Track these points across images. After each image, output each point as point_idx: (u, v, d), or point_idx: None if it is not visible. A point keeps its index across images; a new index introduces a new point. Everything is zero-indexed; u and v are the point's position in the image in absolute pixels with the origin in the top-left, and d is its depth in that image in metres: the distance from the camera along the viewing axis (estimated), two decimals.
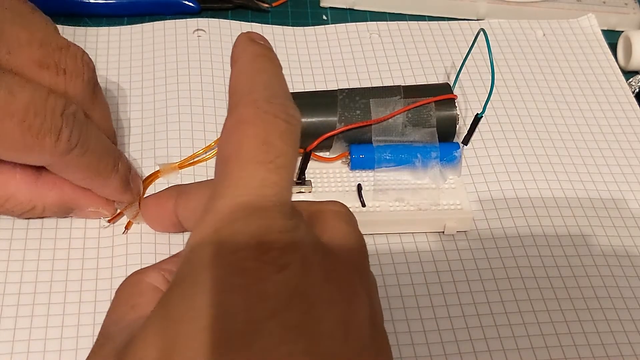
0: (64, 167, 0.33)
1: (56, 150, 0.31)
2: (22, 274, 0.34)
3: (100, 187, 0.35)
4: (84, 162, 0.33)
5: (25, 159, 0.32)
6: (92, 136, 0.33)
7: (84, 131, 0.32)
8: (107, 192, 0.35)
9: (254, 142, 0.23)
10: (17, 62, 0.31)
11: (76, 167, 0.33)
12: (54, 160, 0.32)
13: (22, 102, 0.30)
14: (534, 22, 0.50)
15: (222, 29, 0.46)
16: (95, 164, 0.33)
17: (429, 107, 0.38)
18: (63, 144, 0.31)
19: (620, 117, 0.44)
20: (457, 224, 0.37)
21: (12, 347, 0.31)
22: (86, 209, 0.35)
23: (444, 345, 0.33)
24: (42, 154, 0.31)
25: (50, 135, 0.30)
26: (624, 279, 0.36)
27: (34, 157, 0.31)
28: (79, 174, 0.33)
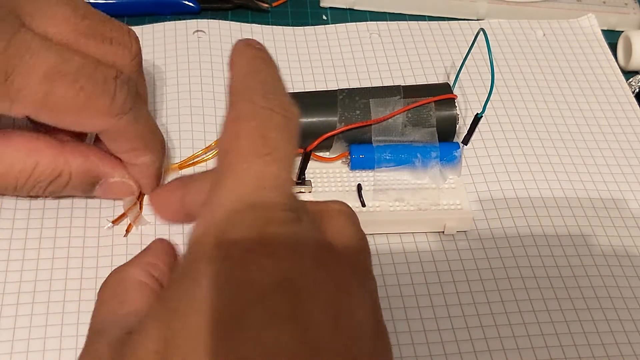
0: (118, 133, 0.33)
1: (111, 112, 0.31)
2: (22, 273, 0.34)
3: (145, 164, 0.35)
4: (136, 130, 0.33)
5: (81, 123, 0.32)
6: (144, 108, 0.34)
7: (138, 97, 0.33)
8: (147, 171, 0.35)
9: (251, 135, 0.23)
10: (63, 34, 0.31)
11: (129, 135, 0.33)
12: (110, 124, 0.32)
13: (74, 66, 0.30)
14: (534, 22, 0.50)
15: (222, 30, 0.46)
16: (146, 134, 0.34)
17: (428, 107, 0.38)
18: (118, 106, 0.31)
19: (620, 117, 0.44)
20: (457, 223, 0.37)
21: (11, 347, 0.31)
22: (111, 178, 0.35)
23: (444, 344, 0.33)
24: (98, 117, 0.31)
25: (105, 97, 0.31)
26: (624, 278, 0.36)
27: (90, 120, 0.32)
28: (130, 143, 0.34)
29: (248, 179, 0.23)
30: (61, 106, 0.31)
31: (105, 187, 0.35)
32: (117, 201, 0.37)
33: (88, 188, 0.35)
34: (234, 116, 0.24)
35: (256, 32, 0.47)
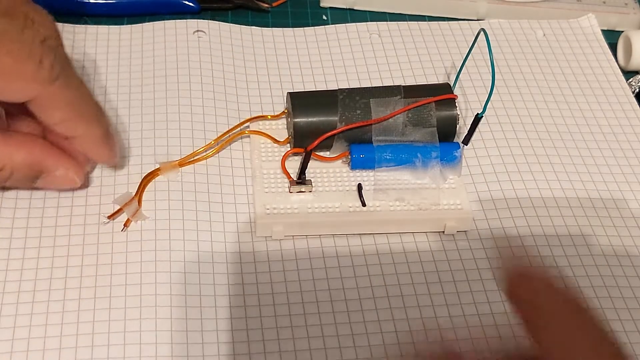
0: (49, 101, 0.32)
1: (38, 77, 0.30)
2: (22, 272, 0.34)
3: (82, 135, 0.34)
4: (68, 96, 0.32)
5: (8, 89, 0.31)
6: (74, 73, 0.32)
7: (67, 65, 0.32)
8: (88, 141, 0.34)
9: None
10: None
11: (60, 103, 0.32)
12: (38, 89, 0.31)
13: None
14: (534, 22, 0.50)
15: (222, 31, 0.46)
16: (79, 103, 0.33)
17: (429, 107, 0.38)
18: (46, 71, 0.30)
19: (620, 117, 0.44)
20: (457, 223, 0.37)
21: (11, 346, 0.31)
22: (55, 171, 0.34)
23: (444, 344, 0.33)
24: (25, 82, 0.30)
25: (31, 60, 0.30)
26: (624, 278, 0.36)
27: (17, 85, 0.31)
28: (63, 113, 0.32)
29: None
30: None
31: (48, 180, 0.35)
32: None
33: (30, 180, 0.35)
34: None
35: (256, 34, 0.47)
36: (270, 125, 0.40)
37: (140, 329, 0.32)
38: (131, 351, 0.31)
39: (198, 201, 0.37)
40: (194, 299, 0.34)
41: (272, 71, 0.45)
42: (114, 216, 0.36)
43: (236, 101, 0.42)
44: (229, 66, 0.44)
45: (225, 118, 0.41)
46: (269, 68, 0.45)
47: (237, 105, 0.42)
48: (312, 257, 0.36)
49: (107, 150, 0.35)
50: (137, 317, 0.33)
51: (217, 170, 0.39)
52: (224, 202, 0.38)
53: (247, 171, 0.39)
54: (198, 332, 0.32)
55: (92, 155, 0.35)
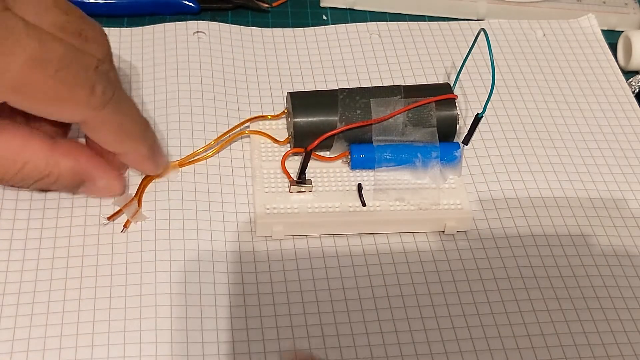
0: (99, 125, 0.33)
1: (90, 104, 0.31)
2: (22, 273, 0.34)
3: (130, 152, 0.35)
4: (117, 121, 0.33)
5: (60, 113, 0.32)
6: (124, 96, 0.33)
7: (117, 89, 0.32)
8: (135, 158, 0.35)
9: None
10: (43, 25, 0.31)
11: (110, 126, 0.33)
12: (89, 115, 0.32)
13: (55, 54, 0.30)
14: (534, 22, 0.50)
15: (222, 32, 0.46)
16: (127, 124, 0.33)
17: (429, 107, 0.38)
18: (97, 98, 0.31)
19: (620, 117, 0.44)
20: (457, 223, 0.37)
21: (11, 347, 0.31)
22: (98, 181, 0.35)
23: (445, 343, 0.33)
24: (77, 108, 0.31)
25: (84, 87, 0.31)
26: (624, 278, 0.36)
27: (69, 111, 0.31)
28: (111, 135, 0.33)
29: None
30: (40, 94, 0.30)
31: (91, 188, 0.35)
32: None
33: (74, 188, 0.35)
34: None
35: (256, 34, 0.47)
36: (270, 125, 0.40)
37: (140, 328, 0.32)
38: (131, 350, 0.31)
39: (198, 201, 0.37)
40: (194, 298, 0.34)
41: (272, 71, 0.45)
42: (113, 217, 0.36)
43: (236, 101, 0.42)
44: (229, 66, 0.44)
45: (225, 118, 0.41)
46: (269, 68, 0.45)
47: (237, 106, 0.42)
48: (312, 257, 0.36)
49: (151, 165, 0.36)
50: (137, 317, 0.33)
51: (217, 170, 0.39)
52: (224, 202, 0.38)
53: (247, 171, 0.39)
54: (198, 331, 0.32)
55: (137, 169, 0.36)
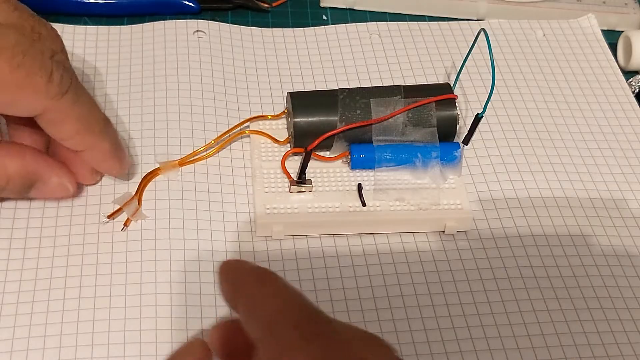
0: (58, 116, 0.32)
1: (49, 92, 0.31)
2: (22, 272, 0.34)
3: (92, 149, 0.34)
4: (76, 112, 0.32)
5: (19, 103, 0.31)
6: (81, 89, 0.33)
7: (75, 79, 0.32)
8: (96, 155, 0.34)
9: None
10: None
11: (69, 118, 0.32)
12: (48, 104, 0.31)
13: (9, 42, 0.30)
14: (534, 22, 0.50)
15: (222, 32, 0.46)
16: (87, 117, 0.33)
17: (429, 107, 0.38)
18: (55, 85, 0.31)
19: (620, 117, 0.44)
20: (457, 223, 0.37)
21: (11, 345, 0.31)
22: (48, 179, 0.34)
23: (445, 343, 0.33)
24: (35, 96, 0.31)
25: (42, 74, 0.30)
26: (624, 278, 0.36)
27: (28, 99, 0.31)
28: (71, 128, 0.33)
29: None
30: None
31: (42, 189, 0.35)
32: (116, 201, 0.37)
33: (24, 190, 0.34)
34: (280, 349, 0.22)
35: (256, 34, 0.47)
36: (271, 125, 0.40)
37: (141, 327, 0.32)
38: (131, 350, 0.31)
39: (198, 201, 0.37)
40: (194, 298, 0.34)
41: (272, 71, 0.45)
42: (113, 215, 0.36)
43: (236, 101, 0.42)
44: (228, 66, 0.44)
45: (225, 118, 0.41)
46: (269, 68, 0.45)
47: (237, 105, 0.42)
48: (312, 257, 0.36)
49: (115, 163, 0.36)
50: (137, 317, 0.33)
51: (217, 170, 0.39)
52: (224, 201, 0.38)
53: (247, 171, 0.39)
54: (198, 331, 0.32)
55: (100, 168, 0.36)
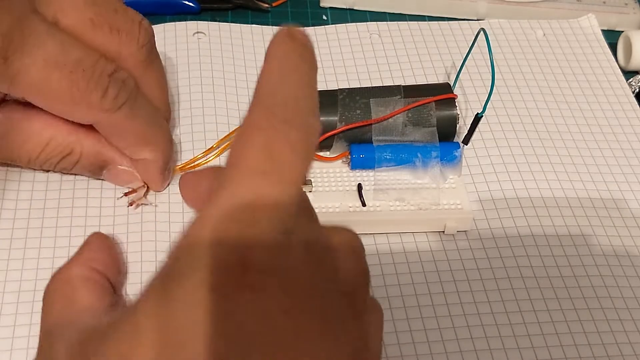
0: (111, 127, 0.34)
1: (102, 106, 0.32)
2: (22, 272, 0.34)
3: (145, 161, 0.35)
4: (132, 126, 0.34)
5: (73, 113, 0.33)
6: (141, 104, 0.34)
7: (133, 96, 0.33)
8: (148, 168, 0.36)
9: (258, 150, 0.21)
10: (70, 20, 0.32)
11: (122, 130, 0.34)
12: (101, 117, 0.33)
13: (72, 57, 0.31)
14: (534, 22, 0.50)
15: (222, 32, 0.46)
16: (144, 130, 0.34)
17: (429, 106, 0.38)
18: (109, 101, 0.32)
19: (621, 117, 0.44)
20: (457, 223, 0.37)
21: (11, 344, 0.31)
22: (119, 165, 0.36)
23: (445, 343, 0.33)
24: (88, 110, 0.32)
25: (97, 90, 0.32)
26: (624, 278, 0.36)
27: (81, 112, 0.33)
28: (125, 139, 0.34)
29: (242, 197, 0.21)
30: (55, 95, 0.31)
31: (113, 173, 0.36)
32: (117, 202, 0.37)
33: (96, 170, 0.36)
34: (247, 124, 0.22)
35: (256, 32, 0.47)
36: None
37: None
38: None
39: None
40: None
41: None
42: (129, 194, 0.36)
43: (236, 101, 0.42)
44: (229, 66, 0.44)
45: (225, 118, 0.41)
46: None
47: (238, 106, 0.42)
48: None
49: (161, 180, 0.37)
50: None
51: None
52: None
53: None
54: None
55: (147, 180, 0.36)
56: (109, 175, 0.36)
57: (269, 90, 0.23)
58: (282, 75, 0.23)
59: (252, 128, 0.22)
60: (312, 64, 0.24)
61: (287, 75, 0.23)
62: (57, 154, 0.35)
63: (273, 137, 0.21)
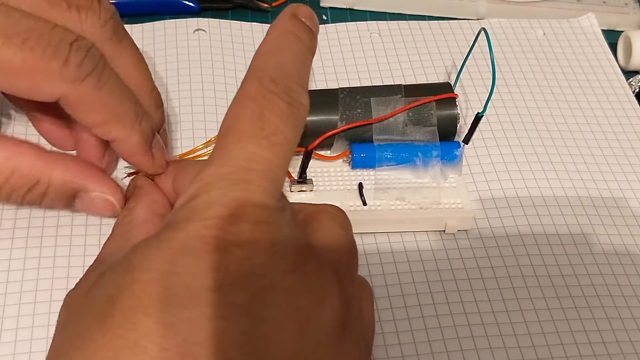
0: (79, 102, 0.31)
1: (65, 77, 0.29)
2: (24, 272, 0.34)
3: (119, 139, 0.32)
4: (100, 98, 0.31)
5: (35, 89, 0.30)
6: (110, 76, 0.31)
7: (100, 66, 0.31)
8: (125, 147, 0.33)
9: (250, 117, 0.23)
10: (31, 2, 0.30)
11: (91, 104, 0.31)
12: (66, 89, 0.30)
13: (24, 26, 0.29)
14: (534, 21, 0.50)
15: (223, 29, 0.46)
16: (113, 104, 0.31)
17: (429, 106, 0.38)
18: (71, 70, 0.30)
19: (621, 116, 0.44)
20: (458, 222, 0.37)
21: (14, 348, 0.31)
22: (92, 192, 0.33)
23: (446, 342, 0.33)
24: (50, 82, 0.30)
25: (56, 59, 0.29)
26: (625, 277, 0.36)
27: (43, 85, 0.30)
28: (94, 115, 0.31)
29: (238, 159, 0.23)
30: (11, 68, 0.29)
31: (86, 201, 0.33)
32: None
33: (68, 201, 0.33)
34: (240, 95, 0.24)
35: (256, 30, 0.47)
36: None
37: None
38: None
39: None
40: None
41: None
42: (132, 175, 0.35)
43: None
44: (229, 63, 0.44)
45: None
46: None
47: None
48: None
49: (145, 159, 0.33)
50: None
51: None
52: None
53: None
54: None
55: (130, 161, 0.34)
56: (82, 204, 0.33)
57: (261, 65, 0.25)
58: (275, 52, 0.25)
59: (245, 97, 0.24)
60: (309, 45, 0.26)
61: (279, 52, 0.25)
62: (22, 185, 0.31)
63: (263, 106, 0.24)
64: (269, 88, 0.24)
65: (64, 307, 0.26)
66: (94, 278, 0.25)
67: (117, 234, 0.29)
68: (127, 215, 0.30)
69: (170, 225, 0.23)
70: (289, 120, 0.24)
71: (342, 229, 0.28)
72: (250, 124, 0.23)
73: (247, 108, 0.24)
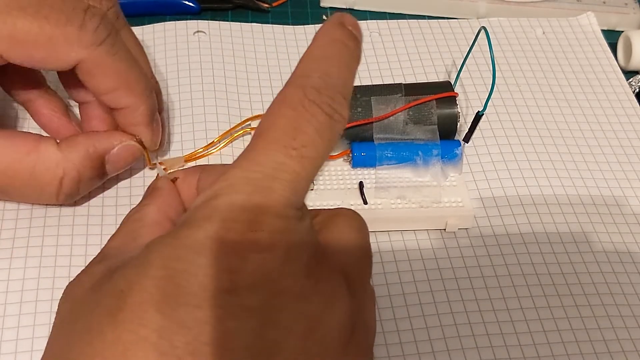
0: (94, 67, 0.32)
1: (82, 40, 0.30)
2: (25, 270, 0.34)
3: (128, 107, 0.33)
4: (114, 65, 0.32)
5: (54, 56, 0.31)
6: (122, 44, 0.32)
7: (114, 32, 0.32)
8: (134, 115, 0.34)
9: (285, 125, 0.23)
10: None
11: (106, 70, 0.32)
12: (83, 54, 0.31)
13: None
14: (533, 21, 0.50)
15: (223, 31, 0.46)
16: (126, 71, 0.33)
17: (430, 104, 0.38)
18: (89, 34, 0.30)
19: (621, 115, 0.44)
20: (458, 221, 0.37)
21: (16, 346, 0.31)
22: (115, 146, 0.34)
23: (447, 341, 0.33)
24: (68, 47, 0.30)
25: (73, 24, 0.30)
26: (625, 275, 0.36)
27: (61, 51, 0.31)
28: (108, 81, 0.32)
29: (265, 166, 0.22)
30: (29, 39, 0.30)
31: (114, 160, 0.34)
32: (118, 206, 0.37)
33: (101, 171, 0.34)
34: (280, 99, 0.23)
35: (256, 31, 0.47)
36: None
37: None
38: None
39: None
40: None
41: (272, 69, 0.45)
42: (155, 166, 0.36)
43: (237, 99, 0.42)
44: (229, 64, 0.44)
45: (226, 116, 0.41)
46: (269, 66, 0.45)
47: (239, 104, 0.42)
48: None
49: (149, 131, 0.35)
50: None
51: None
52: None
53: None
54: None
55: (136, 131, 0.35)
56: (111, 165, 0.34)
57: (306, 72, 0.24)
58: (321, 59, 0.24)
59: (283, 103, 0.23)
60: (355, 55, 0.25)
61: (326, 60, 0.24)
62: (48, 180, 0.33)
63: (301, 116, 0.23)
64: (311, 97, 0.23)
65: (65, 299, 0.26)
66: (99, 271, 0.25)
67: (124, 230, 0.29)
68: (138, 212, 0.30)
69: (188, 222, 0.22)
70: (325, 133, 0.23)
71: (357, 232, 0.28)
72: (283, 133, 0.23)
73: (284, 116, 0.23)
